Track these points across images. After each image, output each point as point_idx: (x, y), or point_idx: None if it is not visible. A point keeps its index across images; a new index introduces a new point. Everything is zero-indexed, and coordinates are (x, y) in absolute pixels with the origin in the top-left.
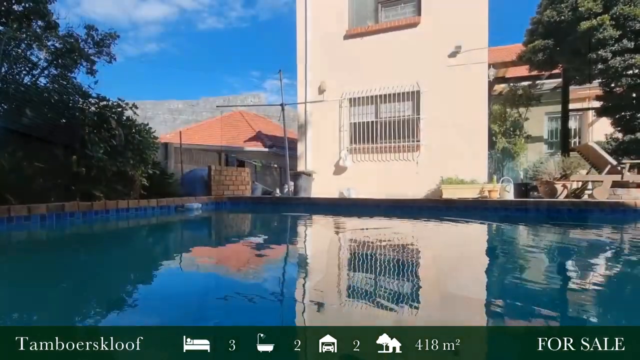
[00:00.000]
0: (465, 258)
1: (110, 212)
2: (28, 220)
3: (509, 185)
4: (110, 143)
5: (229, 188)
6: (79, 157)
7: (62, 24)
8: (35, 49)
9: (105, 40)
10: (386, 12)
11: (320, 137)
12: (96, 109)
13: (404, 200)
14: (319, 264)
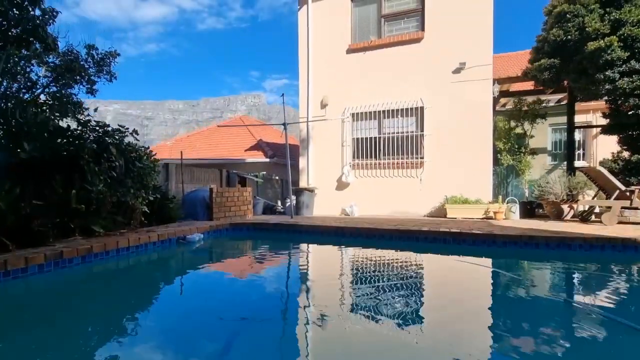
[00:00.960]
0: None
1: (111, 252)
2: (25, 272)
3: (514, 206)
4: (110, 174)
5: (231, 209)
6: (79, 191)
7: (62, 43)
8: (34, 65)
9: (105, 59)
10: (389, 27)
11: (322, 151)
12: (95, 136)
13: (412, 230)
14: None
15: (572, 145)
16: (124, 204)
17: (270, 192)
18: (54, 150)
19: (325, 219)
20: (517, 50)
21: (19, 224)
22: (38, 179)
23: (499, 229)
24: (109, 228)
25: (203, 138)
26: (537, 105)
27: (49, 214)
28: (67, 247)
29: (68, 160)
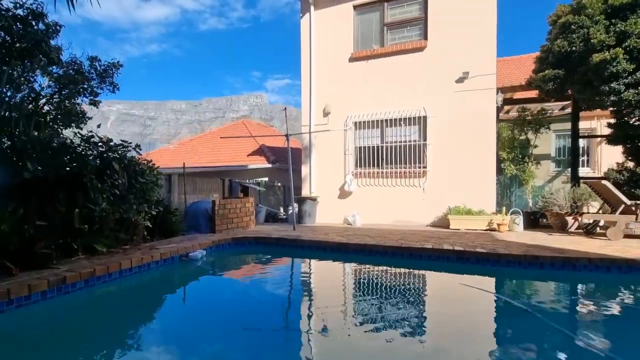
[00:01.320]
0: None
1: (113, 274)
2: (29, 300)
3: (518, 217)
4: (113, 192)
5: (233, 221)
6: (81, 209)
7: (65, 55)
8: (38, 75)
9: (108, 70)
10: (392, 35)
11: (324, 160)
12: (98, 153)
13: (415, 248)
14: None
15: (576, 154)
16: (126, 221)
17: (273, 199)
18: (57, 168)
19: (327, 233)
20: (520, 54)
21: (22, 246)
22: (41, 198)
23: (503, 245)
24: (111, 245)
25: (205, 142)
26: (541, 116)
27: (53, 234)
28: (70, 270)
29: (71, 178)
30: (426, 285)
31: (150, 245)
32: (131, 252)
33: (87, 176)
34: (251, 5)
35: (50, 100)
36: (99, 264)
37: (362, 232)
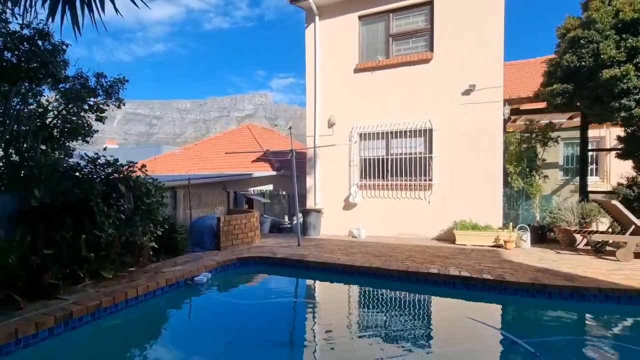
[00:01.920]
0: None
1: (120, 304)
2: (36, 338)
3: (525, 234)
4: (119, 216)
5: (238, 237)
6: (88, 235)
7: (72, 70)
8: (46, 88)
9: (114, 86)
10: (397, 46)
11: (329, 171)
12: (104, 174)
13: (421, 272)
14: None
15: (585, 165)
16: (132, 244)
17: (277, 208)
18: (64, 194)
19: (332, 250)
20: (527, 57)
21: (29, 277)
22: (48, 224)
23: (510, 268)
24: (117, 270)
25: (210, 146)
26: (549, 130)
27: (60, 263)
28: (77, 303)
29: (78, 203)
30: (431, 317)
31: (156, 267)
32: (137, 276)
33: (93, 200)
34: (255, 4)
35: (57, 115)
36: (105, 294)
37: (366, 249)
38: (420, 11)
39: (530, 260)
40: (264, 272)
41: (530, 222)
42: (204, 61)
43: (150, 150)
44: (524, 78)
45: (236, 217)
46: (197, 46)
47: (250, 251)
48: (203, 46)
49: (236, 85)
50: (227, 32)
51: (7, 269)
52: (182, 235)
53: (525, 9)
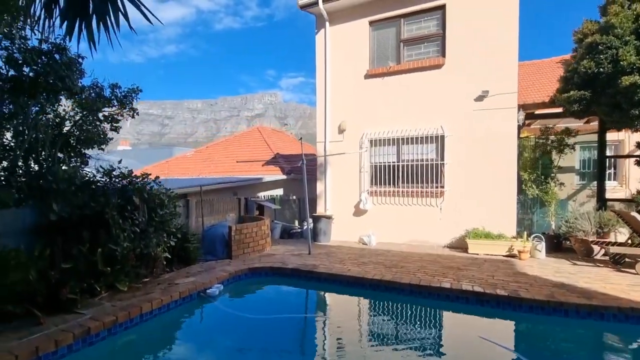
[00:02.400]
0: None
1: (135, 319)
2: (55, 355)
3: (540, 244)
4: (133, 229)
5: (249, 245)
6: (104, 248)
7: (87, 80)
8: (62, 97)
9: (128, 96)
10: (409, 51)
11: (340, 177)
12: (119, 187)
13: (433, 287)
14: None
15: (602, 171)
16: (146, 256)
17: (288, 213)
18: (81, 207)
19: (343, 259)
20: (541, 57)
21: (49, 291)
22: (65, 237)
23: (525, 282)
24: (132, 282)
25: (221, 149)
26: (565, 137)
27: (77, 277)
28: (94, 319)
29: (94, 216)
30: (443, 334)
31: (169, 278)
32: (151, 289)
33: (109, 213)
34: (265, 4)
35: (74, 124)
36: (121, 309)
37: (377, 258)
38: (432, 16)
39: (545, 273)
40: (276, 283)
41: (545, 230)
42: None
43: (162, 152)
44: (539, 80)
45: (247, 226)
46: (207, 46)
47: (261, 260)
48: (214, 46)
49: (246, 85)
50: (238, 32)
51: (28, 283)
52: (194, 244)
53: (540, 7)
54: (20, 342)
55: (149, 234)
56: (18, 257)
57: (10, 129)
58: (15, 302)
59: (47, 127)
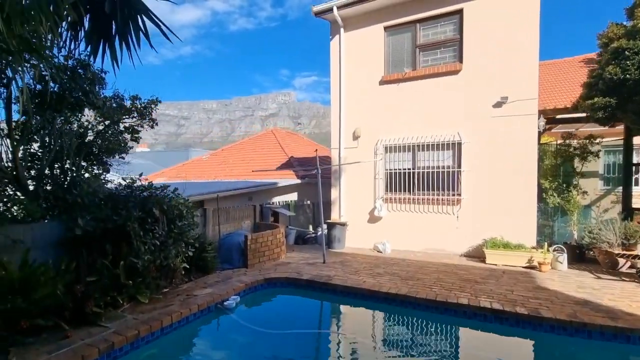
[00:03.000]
0: None
1: (156, 333)
2: None
3: (561, 255)
4: (154, 242)
5: (265, 254)
6: (125, 260)
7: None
8: (87, 108)
9: (148, 107)
10: (424, 57)
11: (354, 183)
12: (140, 199)
13: (449, 303)
14: None
15: (628, 178)
16: (165, 267)
17: (302, 218)
18: (104, 221)
19: (358, 269)
20: (561, 56)
21: (75, 305)
22: (90, 250)
23: (546, 298)
24: (152, 293)
25: (235, 152)
26: (589, 144)
27: (101, 290)
28: (117, 332)
29: (116, 229)
30: (460, 354)
31: (188, 288)
32: (170, 300)
33: (130, 226)
34: (279, 4)
35: (97, 135)
36: (142, 322)
37: (392, 268)
38: (449, 20)
39: (567, 288)
40: (291, 294)
41: (567, 240)
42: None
43: (179, 154)
44: (561, 82)
45: (263, 235)
46: (222, 47)
47: (277, 270)
48: (228, 47)
49: (260, 85)
50: (252, 33)
51: (55, 297)
52: (211, 254)
53: (560, 4)
54: (49, 356)
55: (168, 246)
56: (47, 272)
57: (38, 140)
58: (44, 315)
59: (71, 136)
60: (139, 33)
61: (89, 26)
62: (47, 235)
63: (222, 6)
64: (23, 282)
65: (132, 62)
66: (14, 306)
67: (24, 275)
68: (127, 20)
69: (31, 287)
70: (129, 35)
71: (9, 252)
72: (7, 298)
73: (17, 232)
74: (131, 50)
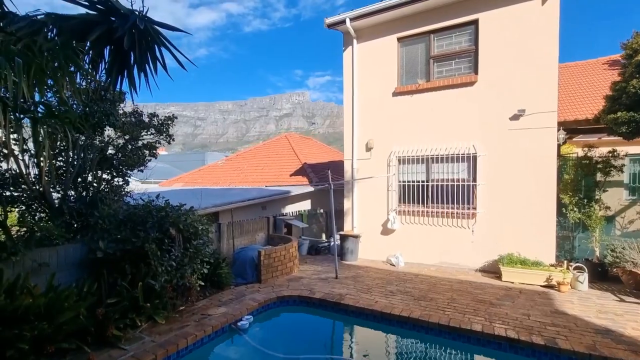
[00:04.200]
0: None
1: (172, 356)
2: None
3: (582, 275)
4: (170, 264)
5: (278, 269)
6: (144, 279)
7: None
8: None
9: (165, 123)
10: (439, 67)
11: (367, 195)
12: (157, 219)
13: (462, 329)
14: None
15: None
16: (181, 287)
17: (315, 227)
18: (124, 242)
19: (370, 287)
20: (583, 57)
21: (96, 328)
22: (110, 270)
23: (564, 325)
24: (169, 313)
25: (250, 157)
26: (612, 158)
27: (121, 312)
28: (136, 357)
29: (135, 250)
30: None
31: (203, 306)
32: (186, 319)
33: (148, 247)
34: (292, 5)
35: (118, 150)
36: (159, 345)
37: (405, 286)
38: (464, 31)
39: (587, 313)
40: (303, 312)
41: (588, 257)
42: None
43: (195, 157)
44: (583, 85)
45: (276, 250)
46: (237, 49)
47: (289, 287)
48: (243, 48)
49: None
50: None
51: (78, 321)
52: (225, 270)
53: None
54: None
55: (184, 265)
56: (70, 297)
57: (62, 157)
58: (68, 339)
59: (93, 150)
60: (156, 63)
61: (108, 61)
62: (70, 257)
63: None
64: (48, 307)
65: (150, 90)
66: (41, 332)
67: (50, 300)
68: (145, 51)
69: (56, 312)
70: (147, 65)
71: (36, 275)
72: (34, 324)
73: (43, 255)
74: (148, 79)
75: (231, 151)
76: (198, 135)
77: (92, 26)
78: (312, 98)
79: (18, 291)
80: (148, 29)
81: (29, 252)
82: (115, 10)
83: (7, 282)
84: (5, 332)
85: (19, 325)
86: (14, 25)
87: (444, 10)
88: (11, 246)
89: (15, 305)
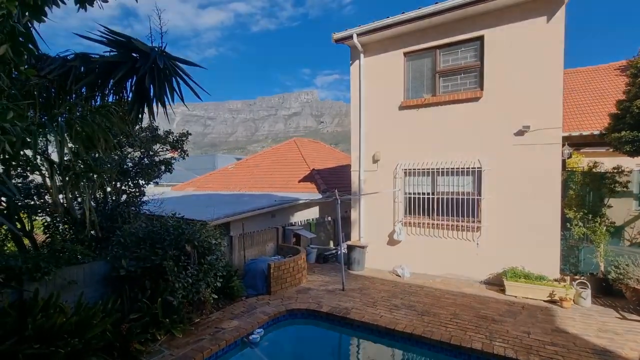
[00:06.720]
0: None
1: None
2: None
3: (584, 291)
4: (187, 280)
5: (287, 280)
6: (163, 294)
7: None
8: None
9: (179, 140)
10: (444, 82)
11: (374, 206)
12: (173, 237)
13: (464, 347)
14: None
15: None
16: (197, 301)
17: (323, 235)
18: (144, 260)
19: (375, 300)
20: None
21: (121, 343)
22: (132, 286)
23: (564, 344)
24: (185, 326)
25: (260, 161)
26: (617, 175)
27: (143, 328)
28: None
29: (154, 267)
30: None
31: (216, 319)
32: (201, 332)
33: (166, 264)
34: (300, 4)
35: (137, 164)
36: (178, 359)
37: (410, 300)
38: (470, 46)
39: (588, 331)
40: (311, 324)
41: (593, 270)
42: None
43: (206, 159)
44: (590, 92)
45: (285, 262)
46: (245, 48)
47: (297, 299)
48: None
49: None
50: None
51: (105, 336)
52: (238, 283)
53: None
54: None
55: (200, 280)
56: (97, 313)
57: None
58: (96, 353)
59: (112, 164)
60: (173, 94)
61: (131, 98)
62: (95, 274)
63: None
64: (78, 325)
65: (167, 117)
66: (73, 348)
67: (80, 318)
68: (164, 82)
69: (86, 329)
70: (165, 96)
71: (65, 292)
72: (67, 341)
73: (71, 273)
74: (165, 107)
75: (240, 150)
76: (208, 134)
77: (117, 65)
78: (321, 97)
79: (51, 309)
80: (167, 64)
81: (59, 271)
82: (136, 48)
83: (41, 300)
84: (43, 349)
85: (54, 342)
86: (47, 67)
87: (450, 26)
88: (44, 267)
89: (50, 323)
